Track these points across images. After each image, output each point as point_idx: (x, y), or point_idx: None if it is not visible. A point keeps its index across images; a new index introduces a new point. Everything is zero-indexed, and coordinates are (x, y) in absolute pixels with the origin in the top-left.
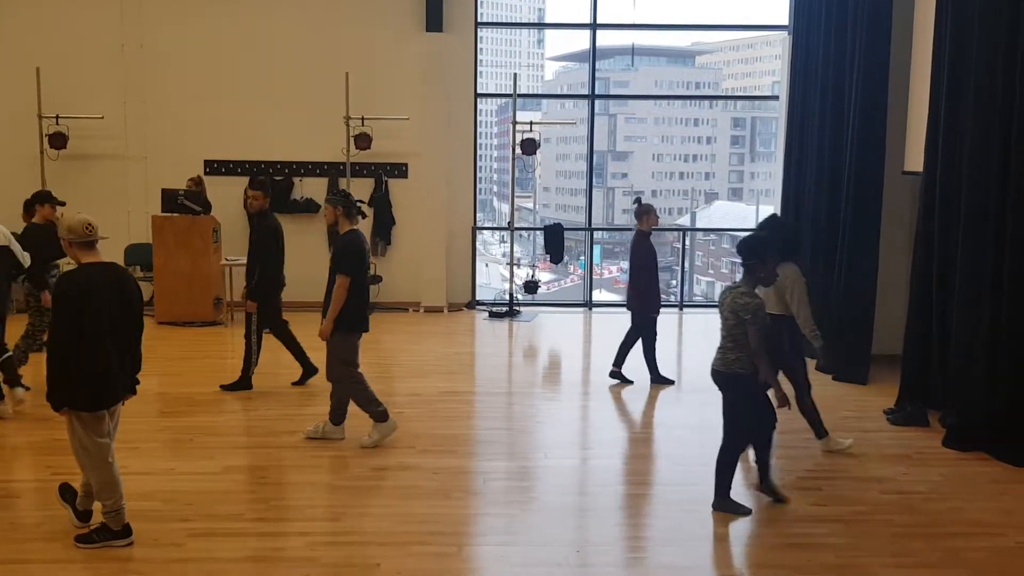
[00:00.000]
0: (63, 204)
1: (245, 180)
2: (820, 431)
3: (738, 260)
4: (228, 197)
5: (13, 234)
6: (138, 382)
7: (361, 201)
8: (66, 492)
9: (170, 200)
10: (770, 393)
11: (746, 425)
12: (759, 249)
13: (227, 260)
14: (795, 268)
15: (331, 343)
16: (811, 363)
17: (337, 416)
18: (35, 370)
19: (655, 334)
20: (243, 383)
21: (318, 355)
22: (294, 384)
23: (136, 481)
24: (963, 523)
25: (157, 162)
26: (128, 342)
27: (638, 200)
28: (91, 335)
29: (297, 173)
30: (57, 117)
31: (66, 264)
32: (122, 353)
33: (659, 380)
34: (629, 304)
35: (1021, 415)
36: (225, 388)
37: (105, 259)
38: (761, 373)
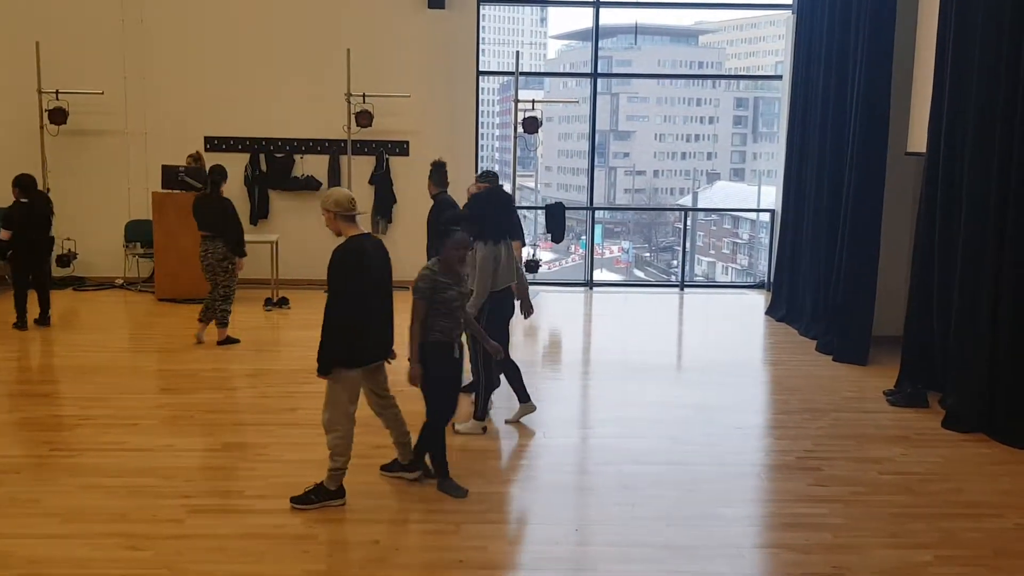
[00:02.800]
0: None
1: (246, 157)
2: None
3: (737, 240)
4: (229, 174)
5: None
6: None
7: None
8: (392, 466)
9: (170, 176)
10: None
11: (440, 397)
12: (443, 227)
13: None
14: (482, 246)
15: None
16: (810, 344)
17: (524, 393)
18: (43, 347)
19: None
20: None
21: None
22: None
23: (136, 457)
24: (961, 504)
25: (157, 138)
26: (389, 304)
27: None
28: (366, 298)
29: (298, 150)
30: (57, 92)
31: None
32: (386, 314)
33: None
34: None
35: (1019, 397)
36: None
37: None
38: (411, 344)
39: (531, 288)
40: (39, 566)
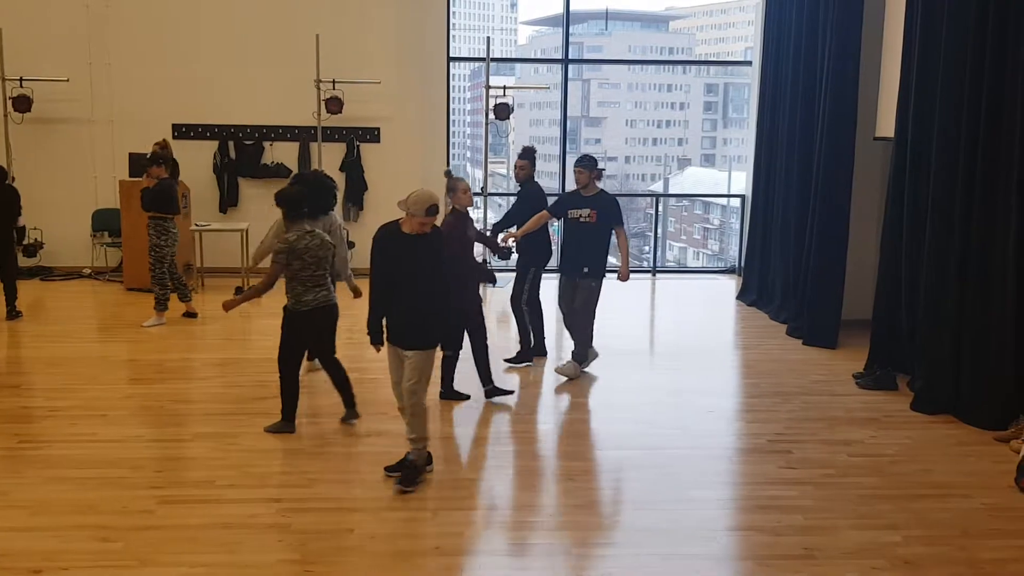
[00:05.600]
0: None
1: (215, 144)
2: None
3: (708, 226)
4: (197, 162)
5: None
6: None
7: None
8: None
9: (138, 165)
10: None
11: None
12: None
13: (196, 225)
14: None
15: (597, 288)
16: (780, 328)
17: (584, 353)
18: (10, 338)
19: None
20: (524, 354)
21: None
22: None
23: (105, 448)
24: (930, 485)
25: (124, 126)
26: None
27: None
28: None
29: (267, 138)
30: (21, 80)
31: None
32: None
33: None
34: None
35: (987, 379)
36: (508, 361)
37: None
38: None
39: (503, 276)
40: (8, 559)
